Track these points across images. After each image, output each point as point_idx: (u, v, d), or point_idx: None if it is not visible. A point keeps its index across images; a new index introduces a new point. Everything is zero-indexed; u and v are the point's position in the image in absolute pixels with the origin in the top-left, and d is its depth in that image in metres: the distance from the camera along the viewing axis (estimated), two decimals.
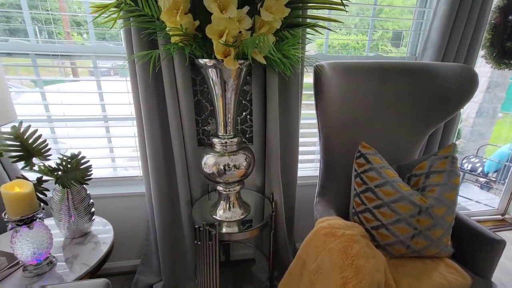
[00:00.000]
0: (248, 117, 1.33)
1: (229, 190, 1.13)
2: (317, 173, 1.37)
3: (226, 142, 1.03)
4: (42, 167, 1.00)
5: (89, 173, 1.05)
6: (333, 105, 1.18)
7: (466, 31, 1.34)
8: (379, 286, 0.84)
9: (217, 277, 1.11)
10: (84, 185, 1.07)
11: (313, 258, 0.94)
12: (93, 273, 0.97)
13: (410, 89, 1.21)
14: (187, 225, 1.30)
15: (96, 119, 1.37)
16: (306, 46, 1.16)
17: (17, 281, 0.89)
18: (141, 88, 1.09)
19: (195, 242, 1.12)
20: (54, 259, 0.97)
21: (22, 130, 0.93)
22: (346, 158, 1.20)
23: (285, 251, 1.41)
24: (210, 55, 0.87)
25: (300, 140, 1.35)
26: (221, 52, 0.82)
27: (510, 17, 1.55)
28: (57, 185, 1.02)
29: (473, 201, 2.37)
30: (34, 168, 0.98)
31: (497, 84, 2.89)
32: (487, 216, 2.17)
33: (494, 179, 2.63)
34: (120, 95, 1.33)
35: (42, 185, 1.03)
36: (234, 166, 1.04)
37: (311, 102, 1.31)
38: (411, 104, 1.23)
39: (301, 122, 1.35)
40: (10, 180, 1.18)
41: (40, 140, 0.97)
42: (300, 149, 1.37)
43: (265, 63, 0.88)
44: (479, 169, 2.70)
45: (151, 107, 1.13)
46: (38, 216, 0.88)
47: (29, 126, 0.95)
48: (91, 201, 1.11)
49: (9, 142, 0.92)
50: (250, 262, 1.63)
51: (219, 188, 1.14)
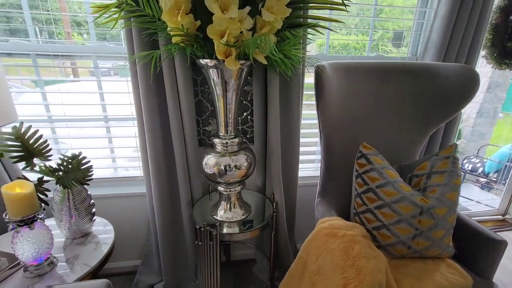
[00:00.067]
0: (249, 117, 1.33)
1: (230, 191, 1.13)
2: (318, 173, 1.37)
3: (227, 143, 1.03)
4: (43, 167, 1.00)
5: (90, 174, 1.05)
6: (334, 105, 1.18)
7: (467, 31, 1.34)
8: (380, 287, 0.83)
9: (218, 278, 1.11)
10: (85, 186, 1.07)
11: (314, 259, 0.94)
12: (94, 273, 0.97)
13: (411, 89, 1.21)
14: (188, 225, 1.30)
15: (96, 119, 1.37)
16: (307, 46, 1.16)
17: (18, 281, 0.89)
18: (142, 88, 1.09)
19: (196, 242, 1.12)
20: (55, 259, 0.97)
21: (23, 130, 0.93)
22: (347, 158, 1.20)
23: (286, 251, 1.41)
24: (211, 56, 0.87)
25: (301, 140, 1.35)
26: (222, 52, 0.82)
27: (511, 17, 1.55)
28: (58, 185, 1.02)
29: (474, 202, 2.36)
30: (35, 168, 0.98)
31: (497, 84, 2.89)
32: (487, 216, 2.17)
33: (494, 179, 2.62)
34: (121, 95, 1.33)
35: (43, 186, 1.03)
36: (235, 166, 1.04)
37: (312, 102, 1.32)
38: (412, 105, 1.23)
39: (302, 122, 1.35)
40: (11, 180, 1.18)
41: (41, 141, 0.97)
42: (301, 149, 1.37)
43: (266, 63, 0.88)
44: (480, 170, 2.70)
45: (152, 107, 1.13)
46: (39, 216, 0.88)
47: (30, 127, 0.95)
48: (92, 201, 1.11)
49: (10, 143, 0.92)
50: (251, 262, 1.62)
51: (220, 188, 1.14)
